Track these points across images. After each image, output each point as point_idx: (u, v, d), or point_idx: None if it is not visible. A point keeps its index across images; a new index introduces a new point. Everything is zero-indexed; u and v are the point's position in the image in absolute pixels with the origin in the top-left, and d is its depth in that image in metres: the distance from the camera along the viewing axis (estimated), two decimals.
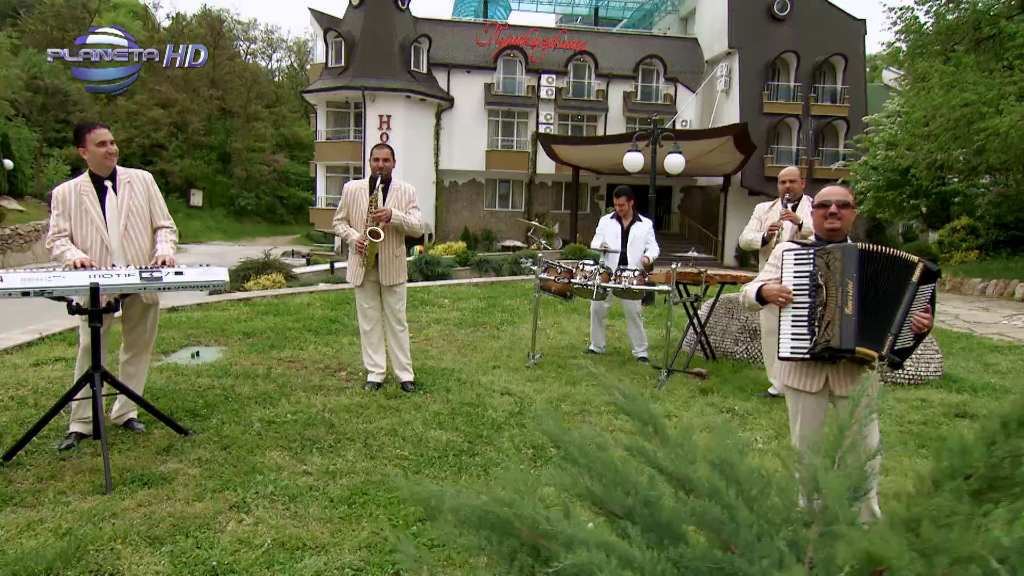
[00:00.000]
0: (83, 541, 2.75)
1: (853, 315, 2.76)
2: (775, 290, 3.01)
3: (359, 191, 4.99)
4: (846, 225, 2.97)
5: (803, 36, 29.12)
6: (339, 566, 2.69)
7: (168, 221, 4.05)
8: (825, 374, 2.94)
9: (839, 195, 2.97)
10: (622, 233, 6.34)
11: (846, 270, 2.78)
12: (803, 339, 2.90)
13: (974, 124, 11.47)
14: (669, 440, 2.19)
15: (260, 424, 4.23)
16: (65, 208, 3.74)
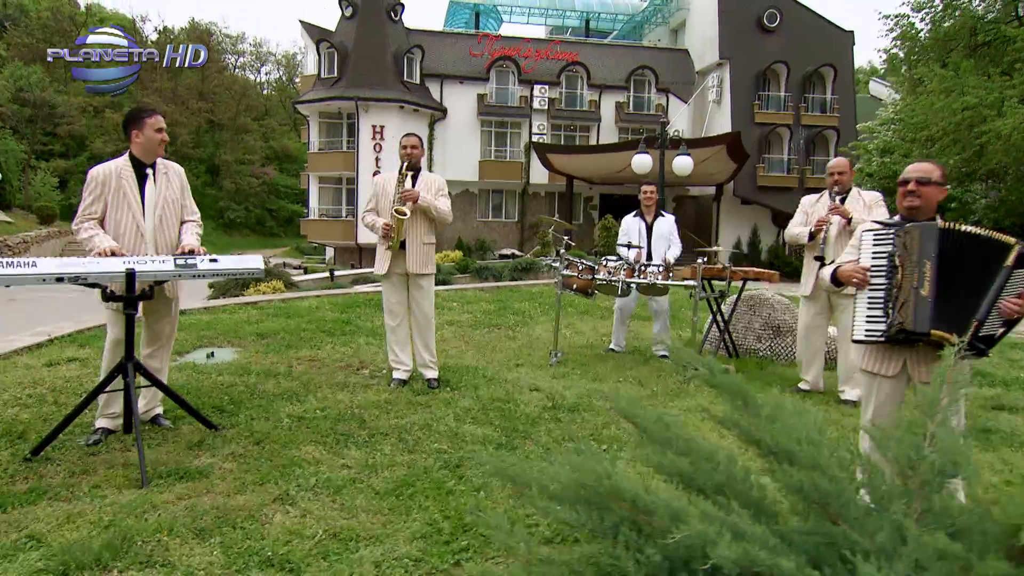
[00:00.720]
0: (128, 533, 2.64)
1: (929, 297, 2.67)
2: (850, 270, 2.93)
3: (388, 181, 4.92)
4: (927, 203, 2.84)
5: (792, 47, 29.39)
6: (397, 556, 2.59)
7: (196, 216, 3.96)
8: (903, 358, 2.84)
9: (919, 171, 2.86)
10: (647, 229, 6.28)
11: (924, 250, 2.68)
12: (878, 321, 2.81)
13: (975, 128, 11.55)
14: (762, 415, 2.11)
15: (289, 420, 4.12)
16: (103, 191, 3.63)
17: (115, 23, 55.88)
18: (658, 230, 6.24)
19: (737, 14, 29.42)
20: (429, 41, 30.14)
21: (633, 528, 1.81)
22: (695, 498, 1.78)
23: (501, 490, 3.22)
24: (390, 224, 4.73)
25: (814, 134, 29.58)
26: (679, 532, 1.61)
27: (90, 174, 3.69)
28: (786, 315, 6.24)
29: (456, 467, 3.50)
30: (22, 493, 3.01)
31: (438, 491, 3.18)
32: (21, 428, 3.78)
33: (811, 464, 1.87)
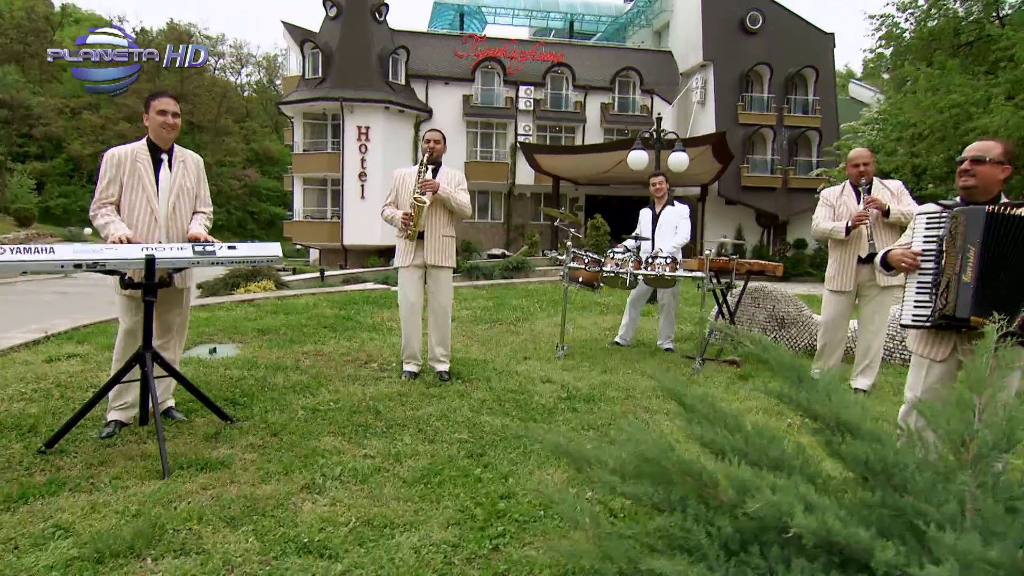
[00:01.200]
0: (158, 521, 2.58)
1: (971, 283, 2.64)
2: (899, 254, 2.91)
3: (407, 174, 4.91)
4: (984, 183, 2.73)
5: (775, 49, 29.66)
6: (434, 542, 2.55)
7: (208, 208, 3.90)
8: (952, 342, 2.82)
9: (975, 149, 2.76)
10: (653, 218, 6.29)
11: (969, 234, 2.65)
12: (925, 307, 2.80)
13: (961, 125, 11.72)
14: (816, 390, 2.10)
15: (304, 412, 4.06)
16: (118, 172, 3.57)
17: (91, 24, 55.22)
18: (664, 219, 6.24)
19: (720, 16, 29.64)
20: (414, 42, 30.06)
21: (700, 502, 1.79)
22: (762, 472, 1.76)
23: (528, 477, 3.20)
24: (409, 213, 4.71)
25: (797, 135, 29.86)
26: (753, 503, 1.60)
27: (105, 155, 3.64)
28: (789, 307, 6.27)
29: (480, 456, 3.46)
30: (42, 484, 2.93)
31: (466, 478, 3.15)
32: (31, 422, 3.69)
33: (873, 437, 1.87)
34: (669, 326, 6.33)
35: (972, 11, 14.62)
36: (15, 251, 2.88)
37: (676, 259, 5.65)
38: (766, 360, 2.03)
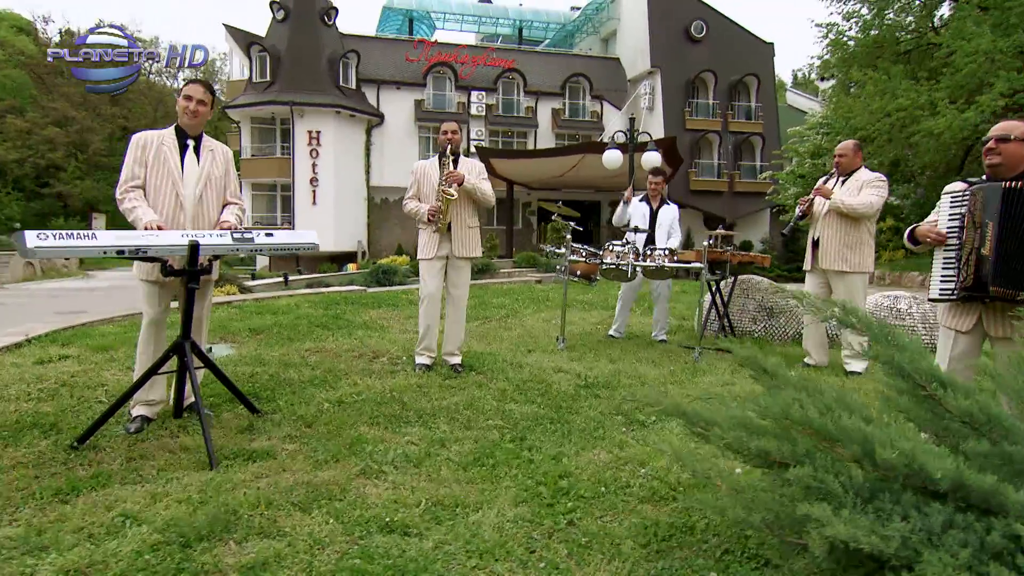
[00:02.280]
0: (228, 508, 2.52)
1: (991, 256, 2.82)
2: (925, 228, 3.07)
3: (429, 166, 4.91)
4: (1009, 161, 2.87)
5: (719, 57, 30.54)
6: (510, 519, 2.57)
7: (239, 200, 3.84)
8: (978, 314, 2.98)
9: (1000, 129, 2.91)
10: (651, 215, 6.41)
11: (987, 210, 2.82)
12: (950, 281, 2.96)
13: (908, 128, 12.32)
14: (910, 350, 2.20)
15: (330, 404, 4.01)
16: (143, 154, 3.49)
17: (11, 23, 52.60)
18: (662, 217, 6.38)
19: (666, 25, 30.36)
20: (364, 46, 29.81)
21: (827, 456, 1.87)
22: (884, 426, 1.85)
23: (576, 457, 3.24)
24: (436, 207, 4.72)
25: (741, 140, 30.78)
26: (887, 453, 1.69)
27: (132, 138, 3.58)
28: (776, 297, 6.49)
29: (521, 440, 3.49)
30: (88, 478, 2.83)
31: (518, 460, 3.18)
32: (50, 420, 3.55)
33: (967, 392, 1.98)
34: (663, 317, 6.47)
35: (908, 22, 15.38)
36: (58, 237, 2.78)
37: (674, 251, 5.78)
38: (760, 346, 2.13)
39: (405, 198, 5.04)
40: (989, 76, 11.85)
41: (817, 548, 1.53)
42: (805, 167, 18.98)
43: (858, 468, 1.75)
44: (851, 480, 1.72)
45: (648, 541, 2.41)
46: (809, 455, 1.82)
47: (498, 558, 2.28)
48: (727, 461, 3.14)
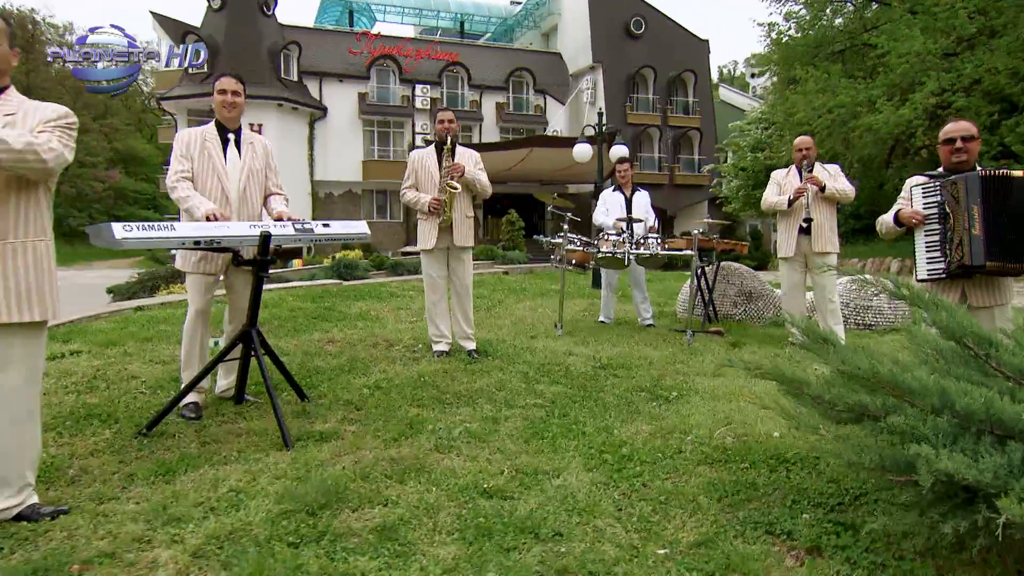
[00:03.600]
0: (331, 481, 2.68)
1: (981, 235, 3.24)
2: (909, 212, 3.47)
3: (426, 155, 5.03)
4: (972, 157, 3.38)
5: (657, 53, 31.37)
6: (588, 482, 2.81)
7: (282, 190, 3.94)
8: (960, 287, 3.40)
9: (964, 130, 3.38)
10: (626, 202, 6.71)
11: (971, 196, 3.24)
12: (938, 261, 3.37)
13: (848, 123, 13.12)
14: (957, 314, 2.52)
15: (368, 390, 4.16)
16: (188, 150, 3.59)
17: None
18: (638, 202, 6.69)
19: (606, 21, 30.98)
20: (306, 38, 29.32)
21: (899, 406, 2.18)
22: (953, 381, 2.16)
23: (622, 428, 3.50)
24: (439, 199, 4.86)
25: (680, 134, 31.72)
26: (965, 400, 2.00)
27: (177, 135, 3.68)
28: (755, 283, 6.93)
29: (564, 415, 3.73)
30: (175, 461, 2.93)
31: (571, 433, 3.42)
32: (104, 410, 3.59)
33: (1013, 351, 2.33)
34: (645, 302, 6.79)
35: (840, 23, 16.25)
36: (141, 228, 2.86)
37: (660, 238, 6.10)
38: None
39: (402, 188, 5.17)
40: (920, 76, 12.74)
41: (925, 481, 1.83)
42: (747, 160, 19.82)
43: (936, 417, 2.06)
44: (937, 427, 2.02)
45: (720, 497, 2.69)
46: (898, 407, 2.12)
47: (595, 515, 2.51)
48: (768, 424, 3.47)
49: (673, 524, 2.47)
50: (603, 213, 6.81)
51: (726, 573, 2.11)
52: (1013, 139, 11.60)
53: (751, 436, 3.37)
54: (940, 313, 2.44)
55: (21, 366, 2.42)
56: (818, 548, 2.23)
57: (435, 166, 4.96)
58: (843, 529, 2.32)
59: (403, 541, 2.25)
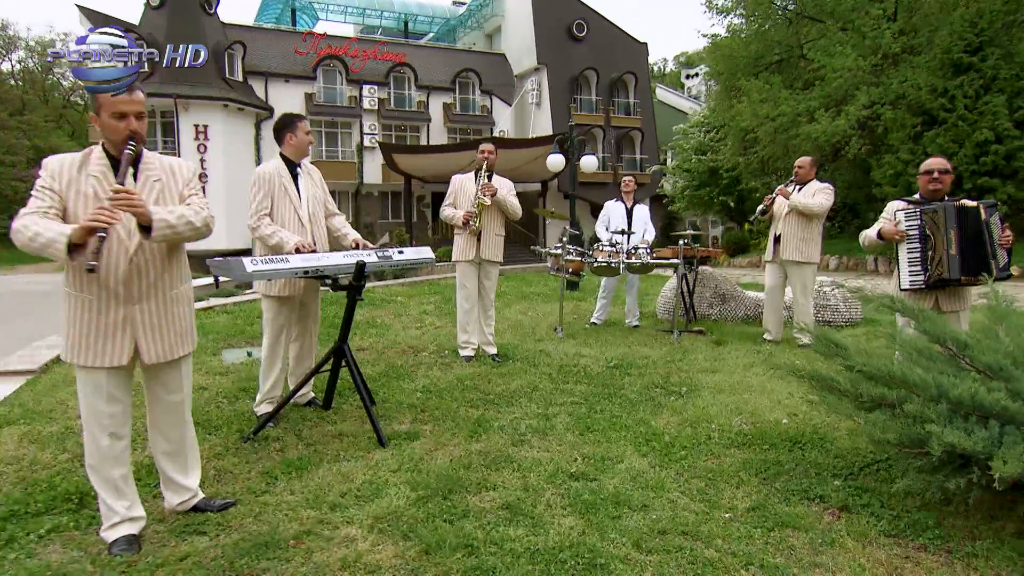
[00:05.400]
0: (444, 471, 3.21)
1: (957, 254, 4.00)
2: (891, 229, 4.20)
3: (466, 180, 5.57)
4: (945, 187, 4.12)
5: (599, 55, 32.32)
6: (649, 464, 3.43)
7: (339, 210, 4.41)
8: (935, 296, 4.16)
9: (940, 164, 4.14)
10: (627, 213, 7.36)
11: (948, 223, 3.99)
12: (918, 275, 4.11)
13: (788, 131, 14.22)
14: (936, 321, 3.23)
15: (421, 393, 4.68)
16: (269, 188, 4.02)
17: None
18: (638, 214, 7.36)
19: (549, 23, 31.71)
20: (250, 37, 29.00)
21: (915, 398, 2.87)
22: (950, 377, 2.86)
23: (654, 420, 4.13)
24: (471, 212, 5.41)
25: (622, 134, 32.75)
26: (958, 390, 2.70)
27: (256, 173, 4.09)
28: (728, 286, 7.71)
29: (600, 411, 4.34)
30: (295, 460, 3.41)
31: (616, 425, 4.04)
32: (201, 419, 3.99)
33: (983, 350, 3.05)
34: (635, 305, 7.49)
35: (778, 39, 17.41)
36: (264, 262, 3.32)
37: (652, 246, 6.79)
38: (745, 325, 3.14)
39: (443, 205, 5.70)
40: (852, 89, 13.93)
41: (935, 451, 2.51)
42: (691, 163, 20.91)
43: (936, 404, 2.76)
44: (938, 412, 2.72)
45: (756, 472, 3.35)
46: (908, 398, 2.81)
47: (664, 490, 3.13)
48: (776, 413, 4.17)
49: (726, 495, 3.11)
50: (604, 224, 7.43)
51: (782, 528, 2.76)
52: (934, 149, 12.87)
53: (763, 423, 4.07)
54: (926, 322, 3.16)
55: (187, 382, 2.88)
56: (847, 507, 2.91)
57: (472, 187, 5.50)
58: (863, 492, 3.02)
59: (530, 515, 2.81)
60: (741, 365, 5.60)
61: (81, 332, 2.53)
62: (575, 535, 2.61)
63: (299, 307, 4.29)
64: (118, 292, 2.55)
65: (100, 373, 2.56)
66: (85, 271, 2.31)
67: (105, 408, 2.58)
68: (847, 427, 3.81)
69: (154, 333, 2.64)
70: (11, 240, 2.41)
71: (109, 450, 2.60)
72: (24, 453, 3.53)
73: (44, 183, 2.46)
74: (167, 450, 2.83)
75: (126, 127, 2.55)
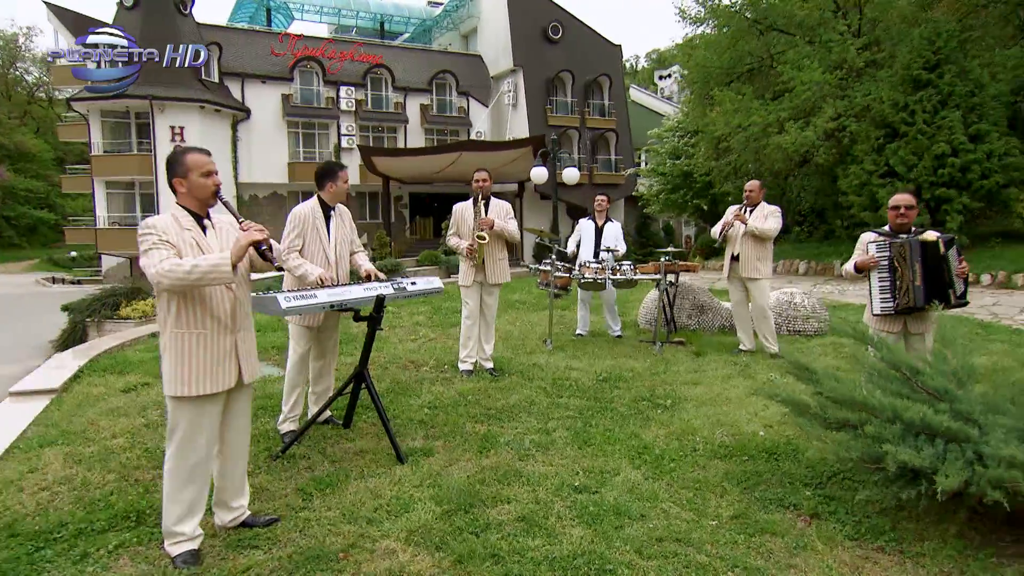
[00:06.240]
0: (461, 486, 3.60)
1: (921, 285, 4.47)
2: (866, 260, 4.65)
3: (465, 209, 5.93)
4: (910, 221, 4.56)
5: (574, 57, 32.78)
6: (643, 476, 3.85)
7: (362, 248, 4.77)
8: (903, 320, 4.61)
9: (906, 200, 4.58)
10: (596, 231, 7.80)
11: (913, 256, 4.45)
12: (888, 301, 4.56)
13: (759, 140, 14.82)
14: (888, 347, 3.70)
15: (429, 409, 5.05)
16: (304, 227, 4.38)
17: None
18: (607, 232, 7.79)
19: (525, 25, 32.08)
20: (226, 38, 28.94)
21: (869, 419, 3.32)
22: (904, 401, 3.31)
23: (642, 432, 4.55)
24: (473, 246, 5.78)
25: (597, 136, 33.26)
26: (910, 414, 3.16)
27: (292, 213, 4.45)
28: (705, 297, 8.19)
29: (595, 425, 4.75)
30: (325, 476, 3.77)
31: (610, 439, 4.45)
32: None
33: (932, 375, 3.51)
34: (613, 317, 7.94)
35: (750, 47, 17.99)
36: (296, 298, 3.67)
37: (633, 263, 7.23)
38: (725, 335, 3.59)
39: (448, 234, 6.08)
40: (820, 102, 14.56)
41: (891, 467, 2.96)
42: (666, 167, 21.51)
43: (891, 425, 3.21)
44: (893, 433, 3.17)
45: (739, 482, 3.78)
46: (868, 420, 3.26)
47: (657, 500, 3.55)
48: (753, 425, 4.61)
49: (712, 504, 3.54)
50: (575, 242, 7.86)
51: (762, 534, 3.19)
52: (896, 160, 13.55)
53: (742, 435, 4.51)
54: (885, 351, 3.62)
55: (250, 407, 3.26)
56: (817, 514, 3.36)
57: (472, 217, 5.87)
58: (830, 500, 3.47)
59: (543, 526, 3.21)
60: (720, 377, 6.06)
61: (196, 365, 2.89)
62: (586, 544, 3.02)
63: (321, 332, 4.65)
64: (227, 324, 2.97)
65: (209, 403, 2.95)
66: (274, 268, 2.97)
67: (203, 437, 2.95)
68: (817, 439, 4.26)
69: (248, 356, 3.08)
70: None
71: (198, 475, 2.96)
72: (72, 473, 3.84)
73: (159, 237, 2.82)
74: (229, 471, 3.17)
75: (213, 183, 2.95)
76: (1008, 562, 2.92)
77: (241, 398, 3.15)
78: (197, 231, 2.94)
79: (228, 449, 3.16)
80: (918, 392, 3.49)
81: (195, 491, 2.96)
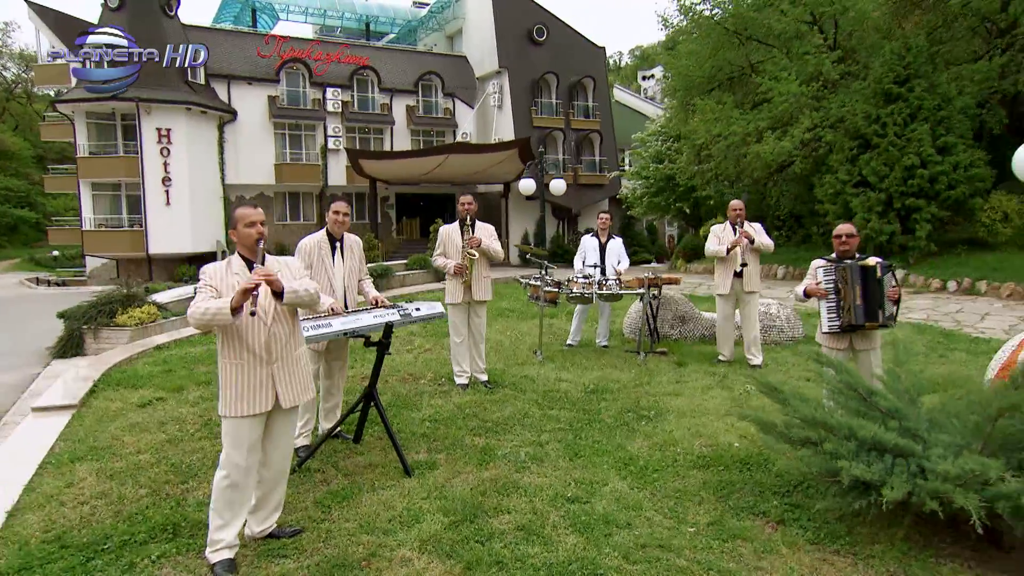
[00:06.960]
0: (465, 497, 3.98)
1: (861, 304, 4.93)
2: (815, 289, 5.09)
3: (452, 230, 6.30)
4: (852, 248, 5.02)
5: (558, 59, 33.17)
6: (627, 487, 4.25)
7: (368, 276, 5.14)
8: (848, 338, 5.07)
9: (847, 230, 5.04)
10: (600, 247, 8.19)
11: (853, 279, 4.90)
12: (834, 320, 5.01)
13: (739, 148, 15.33)
14: (846, 370, 4.15)
15: (430, 423, 5.43)
16: (310, 258, 4.74)
17: None
18: (610, 248, 8.18)
19: (510, 27, 32.42)
20: (212, 40, 28.96)
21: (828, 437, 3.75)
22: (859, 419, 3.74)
23: (629, 444, 4.96)
24: (462, 265, 6.14)
25: (581, 137, 33.69)
26: (863, 431, 3.59)
27: (299, 244, 4.82)
28: (687, 308, 8.62)
29: (584, 436, 5.16)
30: (340, 490, 4.14)
31: (598, 450, 4.85)
32: None
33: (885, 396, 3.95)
34: (606, 328, 8.35)
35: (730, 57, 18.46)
36: (314, 328, 4.04)
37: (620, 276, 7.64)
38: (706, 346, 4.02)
39: (434, 255, 6.44)
40: (797, 113, 15.08)
41: (845, 481, 3.39)
42: (650, 170, 22.04)
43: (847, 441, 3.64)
44: (848, 449, 3.60)
45: (714, 491, 4.20)
46: (826, 436, 3.69)
47: (641, 509, 3.96)
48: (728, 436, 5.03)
49: (691, 512, 3.95)
50: (581, 258, 8.25)
51: (734, 540, 3.60)
52: (868, 171, 14.08)
53: (719, 446, 4.94)
54: (843, 374, 4.05)
55: (291, 429, 3.63)
56: (783, 521, 3.78)
57: (459, 238, 6.24)
58: (795, 508, 3.90)
59: (540, 534, 3.61)
60: (700, 388, 6.48)
61: (234, 390, 3.31)
62: (579, 551, 3.42)
63: (328, 354, 5.01)
64: (262, 356, 3.35)
65: (246, 423, 3.33)
66: (249, 316, 3.12)
67: (242, 453, 3.32)
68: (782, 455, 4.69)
69: (289, 383, 3.45)
70: None
71: (239, 487, 3.32)
72: (107, 488, 4.18)
73: (206, 283, 3.29)
74: (269, 488, 3.54)
75: (256, 232, 3.33)
76: (945, 561, 3.36)
77: (281, 420, 3.52)
78: (245, 273, 3.33)
79: (271, 467, 3.52)
80: (873, 410, 3.93)
81: (235, 502, 3.33)
